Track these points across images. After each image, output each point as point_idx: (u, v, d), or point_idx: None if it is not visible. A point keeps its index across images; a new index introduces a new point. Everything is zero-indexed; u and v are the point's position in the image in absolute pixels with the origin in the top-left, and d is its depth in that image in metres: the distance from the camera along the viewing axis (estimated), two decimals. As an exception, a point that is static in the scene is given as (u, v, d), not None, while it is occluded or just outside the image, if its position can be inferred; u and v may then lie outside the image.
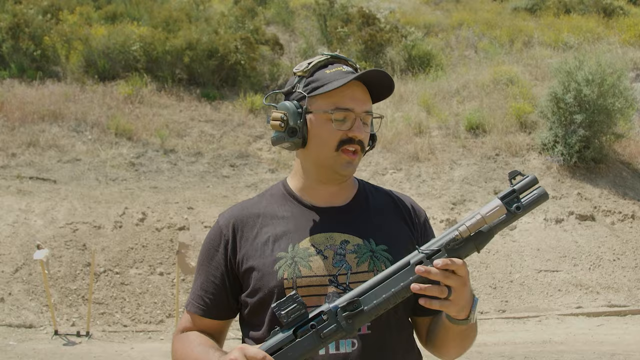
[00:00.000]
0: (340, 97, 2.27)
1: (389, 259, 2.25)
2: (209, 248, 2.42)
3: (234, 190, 15.65)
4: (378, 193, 2.50)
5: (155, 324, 11.90)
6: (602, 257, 14.26)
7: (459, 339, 2.27)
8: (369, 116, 2.32)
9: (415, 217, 2.46)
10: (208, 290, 2.37)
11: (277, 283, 2.21)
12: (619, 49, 22.25)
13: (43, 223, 13.49)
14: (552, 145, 17.04)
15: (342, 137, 2.27)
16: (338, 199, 2.40)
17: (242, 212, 2.41)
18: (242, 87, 20.42)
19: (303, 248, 2.26)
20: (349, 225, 2.33)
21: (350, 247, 2.27)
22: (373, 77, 2.29)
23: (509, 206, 2.07)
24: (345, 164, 2.30)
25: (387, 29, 23.31)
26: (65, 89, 18.83)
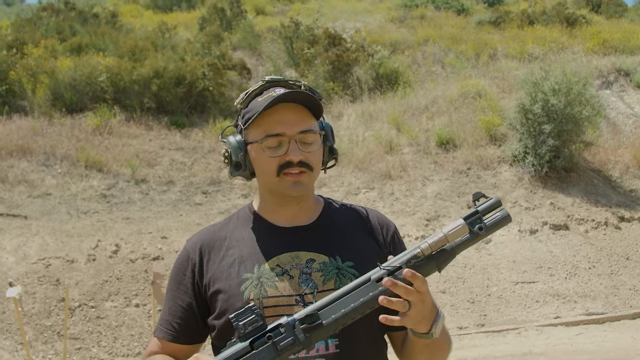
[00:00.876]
0: (268, 123, 2.25)
1: (356, 275, 2.22)
2: (177, 272, 2.41)
3: (207, 218, 15.58)
4: (344, 209, 2.48)
5: (133, 357, 11.78)
6: (577, 265, 14.32)
7: (427, 352, 2.25)
8: (307, 135, 2.28)
9: (383, 231, 2.44)
10: (176, 314, 2.36)
11: (244, 304, 2.18)
12: (583, 58, 22.51)
13: (15, 260, 13.35)
14: (522, 157, 17.14)
15: (280, 162, 2.26)
16: (303, 218, 2.39)
17: (209, 236, 2.41)
18: (211, 113, 20.39)
19: (269, 268, 2.25)
20: (314, 243, 2.32)
21: (316, 265, 2.26)
22: (293, 97, 2.26)
23: (471, 226, 2.07)
24: (291, 185, 2.28)
25: (353, 48, 23.41)
26: (32, 123, 18.70)
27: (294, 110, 2.26)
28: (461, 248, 2.08)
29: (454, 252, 2.06)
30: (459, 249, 2.08)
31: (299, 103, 2.27)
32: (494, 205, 2.11)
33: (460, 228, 2.06)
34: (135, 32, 25.77)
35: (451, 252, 2.06)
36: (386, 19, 29.78)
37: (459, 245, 2.08)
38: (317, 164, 2.32)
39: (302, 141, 2.26)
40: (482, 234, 2.08)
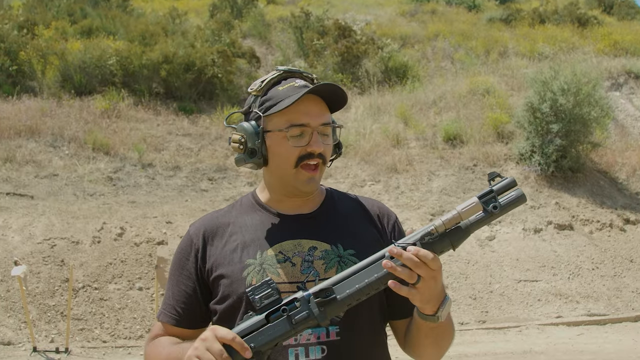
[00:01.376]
0: (294, 113, 2.26)
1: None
2: (180, 257, 2.42)
3: (212, 204, 15.59)
4: (345, 199, 2.51)
5: (135, 339, 11.82)
6: (581, 266, 14.33)
7: (431, 337, 2.26)
8: (327, 127, 2.31)
9: (384, 220, 2.46)
10: (180, 299, 2.37)
11: (246, 289, 2.18)
12: (593, 59, 22.46)
13: (20, 239, 13.38)
14: (529, 155, 17.13)
15: (301, 153, 2.27)
16: (305, 206, 2.41)
17: (212, 222, 2.43)
18: (219, 101, 20.40)
19: (271, 255, 2.27)
20: (316, 231, 2.34)
21: (318, 253, 2.28)
22: (325, 90, 2.27)
23: (486, 205, 2.09)
24: (306, 181, 2.30)
25: (363, 40, 23.40)
26: (41, 104, 18.73)
27: (316, 102, 2.27)
28: (475, 226, 2.09)
29: (468, 230, 2.07)
30: (473, 227, 2.08)
31: (326, 96, 2.29)
32: (509, 184, 2.13)
33: (474, 206, 2.07)
34: (146, 17, 25.78)
35: (465, 230, 2.07)
36: (397, 13, 29.75)
37: (473, 223, 2.08)
38: (329, 158, 2.36)
39: (322, 133, 2.29)
40: (497, 213, 2.08)
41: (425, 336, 2.26)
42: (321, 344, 2.19)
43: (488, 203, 2.09)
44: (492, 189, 2.11)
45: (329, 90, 2.27)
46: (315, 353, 2.18)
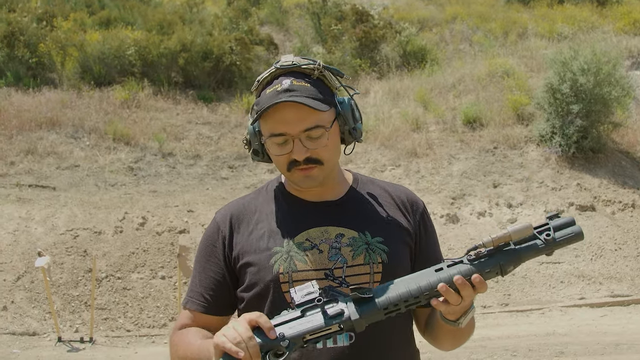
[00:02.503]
0: (272, 122, 2.23)
1: (385, 251, 2.26)
2: (206, 244, 2.42)
3: (233, 192, 15.63)
4: (373, 185, 2.49)
5: (159, 328, 11.90)
6: (603, 247, 14.26)
7: (451, 335, 2.29)
8: (313, 131, 2.22)
9: (412, 208, 2.45)
10: (207, 286, 2.37)
11: (273, 277, 2.22)
12: (613, 38, 22.25)
13: (43, 230, 13.49)
14: (549, 137, 17.02)
15: (288, 160, 2.25)
16: (331, 193, 2.40)
17: (238, 208, 2.42)
18: (238, 88, 20.41)
19: (298, 242, 2.27)
20: (343, 219, 2.33)
21: (345, 240, 2.27)
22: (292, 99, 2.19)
23: (538, 234, 2.06)
24: (302, 179, 2.28)
25: (380, 25, 23.30)
26: (61, 96, 18.82)
27: (295, 109, 2.19)
28: (527, 254, 2.04)
29: (519, 256, 2.04)
30: (524, 254, 2.04)
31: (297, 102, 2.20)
32: (567, 223, 2.11)
33: (524, 228, 2.04)
34: (164, 6, 25.77)
35: (515, 254, 2.04)
36: (414, -4, 29.61)
37: (524, 249, 2.04)
38: (329, 156, 2.29)
39: (308, 138, 2.22)
40: (550, 244, 2.05)
41: (445, 334, 2.29)
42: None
43: (541, 233, 2.07)
44: (548, 222, 2.10)
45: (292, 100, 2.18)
46: (343, 340, 2.19)
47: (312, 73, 2.27)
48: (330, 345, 2.18)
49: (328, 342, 2.18)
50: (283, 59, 2.30)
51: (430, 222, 2.49)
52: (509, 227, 2.04)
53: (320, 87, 2.26)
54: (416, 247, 2.38)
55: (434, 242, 2.47)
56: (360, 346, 2.19)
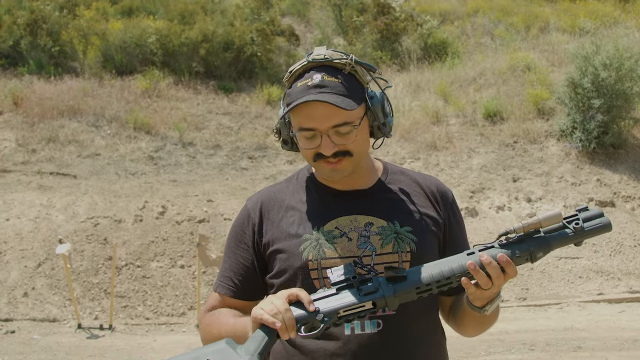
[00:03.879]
0: (301, 117, 2.25)
1: (414, 240, 2.28)
2: (237, 231, 2.46)
3: (252, 182, 15.68)
4: (403, 175, 2.50)
5: (177, 317, 11.98)
6: (622, 243, 14.21)
7: (475, 322, 2.32)
8: (341, 128, 2.23)
9: (441, 198, 2.46)
10: (237, 272, 2.41)
11: (302, 264, 2.25)
12: (636, 33, 22.10)
13: (64, 218, 13.59)
14: (570, 132, 16.96)
15: (315, 153, 2.27)
16: (361, 182, 2.41)
17: (269, 196, 2.45)
18: (259, 79, 20.44)
19: (327, 230, 2.29)
20: (373, 207, 2.35)
21: (374, 229, 2.29)
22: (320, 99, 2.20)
23: (567, 222, 2.10)
24: (329, 172, 2.31)
25: (402, 17, 23.25)
26: (83, 84, 18.92)
27: (325, 105, 2.20)
28: (557, 242, 2.09)
29: (549, 244, 2.08)
30: (554, 242, 2.09)
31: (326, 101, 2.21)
32: (596, 214, 2.13)
33: (555, 216, 2.08)
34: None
35: (546, 242, 2.08)
36: (436, -11, 29.51)
37: (555, 237, 2.09)
38: (358, 149, 2.30)
39: (337, 133, 2.24)
40: (579, 233, 2.08)
41: (469, 320, 2.31)
42: (377, 318, 2.22)
43: (570, 223, 2.10)
44: (577, 213, 2.12)
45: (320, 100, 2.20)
46: (371, 327, 2.21)
47: (344, 68, 2.28)
48: (358, 332, 2.20)
49: (356, 329, 2.20)
50: (315, 52, 2.31)
51: (459, 213, 2.51)
52: (539, 214, 2.09)
53: (351, 83, 2.27)
54: (445, 237, 2.41)
55: (462, 233, 2.50)
56: (388, 333, 2.22)
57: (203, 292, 12.16)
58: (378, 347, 2.21)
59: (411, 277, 2.04)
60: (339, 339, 2.20)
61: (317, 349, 2.21)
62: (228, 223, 13.88)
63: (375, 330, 2.21)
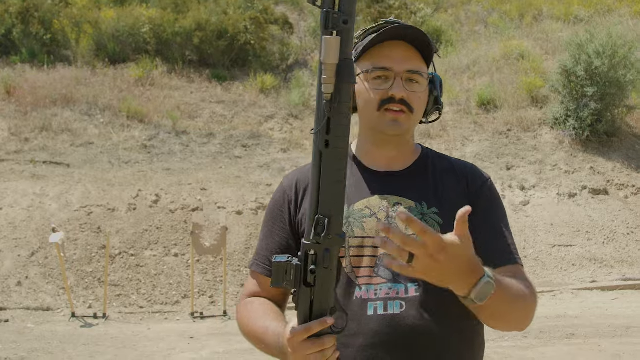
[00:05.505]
0: (378, 57, 2.26)
1: (439, 223, 2.25)
2: (273, 209, 2.45)
3: (246, 171, 15.68)
4: (439, 160, 2.47)
5: (171, 305, 11.98)
6: (615, 231, 14.25)
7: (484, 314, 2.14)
8: (414, 75, 2.26)
9: (474, 182, 2.41)
10: (274, 250, 2.37)
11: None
12: (630, 21, 22.13)
13: (58, 207, 13.57)
14: (564, 120, 16.98)
15: (383, 97, 2.25)
16: (397, 163, 2.40)
17: (305, 174, 2.41)
18: (253, 68, 20.40)
19: (358, 209, 2.29)
20: (403, 188, 2.33)
21: (401, 209, 2.25)
22: (406, 31, 2.25)
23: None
24: (389, 122, 2.27)
25: (396, 5, 23.22)
26: (76, 73, 18.86)
27: (404, 49, 2.26)
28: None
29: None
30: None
31: (408, 41, 2.26)
32: None
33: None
34: (178, -16, 25.74)
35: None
36: (430, -23, 29.46)
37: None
38: (419, 108, 2.31)
39: (407, 80, 2.25)
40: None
41: (478, 312, 2.13)
42: (400, 299, 2.20)
43: None
44: None
45: (406, 32, 2.24)
46: (394, 308, 2.19)
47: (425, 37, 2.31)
48: (381, 312, 2.17)
49: (379, 309, 2.18)
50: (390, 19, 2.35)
51: (496, 196, 2.44)
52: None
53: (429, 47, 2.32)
54: (476, 218, 2.15)
55: (498, 214, 2.40)
56: (411, 314, 2.18)
57: (197, 280, 12.17)
58: (400, 328, 2.18)
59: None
60: (361, 320, 2.18)
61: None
62: (221, 211, 13.88)
63: (398, 311, 2.17)
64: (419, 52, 2.29)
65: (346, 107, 1.78)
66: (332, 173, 1.82)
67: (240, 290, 12.45)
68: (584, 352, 8.93)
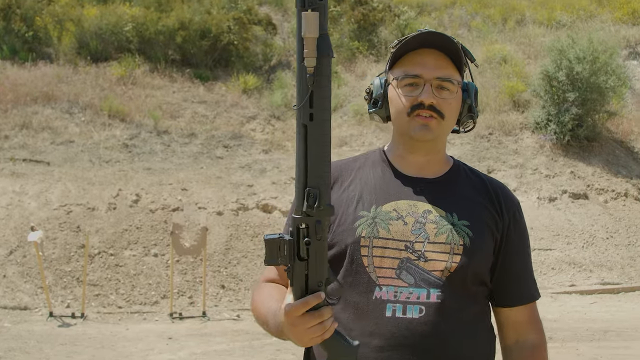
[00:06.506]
0: (410, 64, 2.30)
1: (469, 235, 2.26)
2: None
3: (227, 171, 15.65)
4: (471, 174, 2.49)
5: (150, 305, 11.93)
6: (595, 235, 14.32)
7: None
8: (444, 82, 2.29)
9: (505, 202, 2.43)
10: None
11: (355, 240, 2.24)
12: (611, 27, 22.26)
13: (37, 205, 13.49)
14: (545, 124, 17.06)
15: (413, 103, 2.28)
16: (429, 171, 2.40)
17: (336, 167, 2.42)
18: (235, 68, 20.37)
19: (385, 211, 2.29)
20: (434, 197, 2.34)
21: (431, 217, 2.28)
22: (435, 38, 2.28)
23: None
24: (419, 127, 2.29)
25: (379, 8, 23.24)
26: (57, 71, 18.76)
27: (435, 56, 2.29)
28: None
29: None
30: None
31: (440, 49, 2.30)
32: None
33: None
34: (162, -17, 25.67)
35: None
36: (414, -20, 29.50)
37: None
38: (450, 115, 2.32)
39: (437, 86, 2.28)
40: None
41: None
42: (420, 304, 2.20)
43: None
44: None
45: (435, 39, 2.28)
46: (413, 312, 2.19)
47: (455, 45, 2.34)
48: (399, 315, 2.18)
49: (397, 312, 2.18)
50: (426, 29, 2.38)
51: (524, 225, 2.49)
52: None
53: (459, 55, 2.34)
54: (502, 241, 2.37)
55: (526, 248, 2.48)
56: (430, 320, 2.19)
57: (176, 280, 12.13)
58: (417, 333, 2.18)
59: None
60: (378, 320, 2.19)
61: (356, 326, 2.20)
62: (202, 212, 13.85)
63: (417, 315, 2.18)
64: (450, 60, 2.32)
65: (327, 80, 1.84)
66: (318, 145, 1.86)
67: (220, 291, 12.47)
68: (562, 356, 8.96)
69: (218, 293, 12.35)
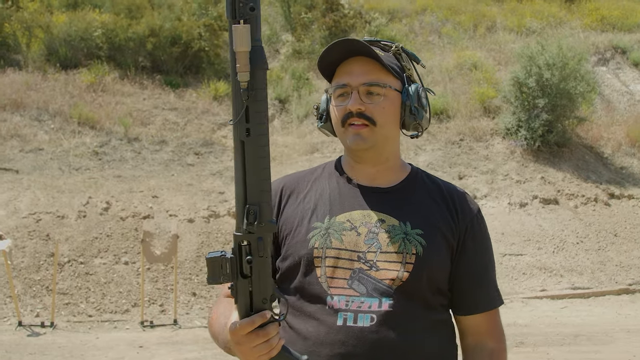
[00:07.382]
0: (339, 75, 2.31)
1: (422, 244, 2.23)
2: None
3: (198, 179, 15.59)
4: (429, 181, 2.45)
5: (121, 314, 11.84)
6: (565, 240, 14.41)
7: None
8: (372, 87, 2.26)
9: (460, 212, 2.38)
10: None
11: (308, 251, 2.23)
12: (580, 34, 22.47)
13: (5, 213, 13.36)
14: (515, 130, 17.17)
15: (343, 113, 2.27)
16: (382, 180, 2.38)
17: (291, 180, 2.45)
18: (206, 75, 20.32)
19: (339, 222, 2.28)
20: (388, 206, 2.32)
21: (384, 226, 2.26)
22: (362, 49, 2.26)
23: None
24: (352, 137, 2.28)
25: (351, 14, 23.31)
26: (26, 78, 18.60)
27: (361, 63, 2.27)
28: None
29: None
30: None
31: (365, 55, 2.27)
32: None
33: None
34: (132, -10, 25.54)
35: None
36: (385, -13, 29.58)
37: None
38: (384, 119, 2.28)
39: (366, 92, 2.26)
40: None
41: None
42: (371, 312, 2.18)
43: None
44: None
45: (364, 47, 2.25)
46: (364, 320, 2.17)
47: (390, 49, 2.35)
48: (350, 324, 2.16)
49: (348, 320, 2.17)
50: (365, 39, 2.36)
51: (484, 232, 2.45)
52: None
53: (392, 59, 2.33)
54: (458, 249, 2.34)
55: (485, 255, 2.44)
56: (381, 329, 2.17)
57: (147, 288, 12.05)
58: (367, 342, 2.17)
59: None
60: (331, 328, 2.17)
61: (311, 335, 2.19)
62: (173, 219, 13.78)
63: (368, 324, 2.16)
64: (380, 65, 2.27)
65: (262, 94, 1.81)
66: (257, 160, 1.83)
67: (191, 299, 12.40)
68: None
69: (189, 301, 12.28)
